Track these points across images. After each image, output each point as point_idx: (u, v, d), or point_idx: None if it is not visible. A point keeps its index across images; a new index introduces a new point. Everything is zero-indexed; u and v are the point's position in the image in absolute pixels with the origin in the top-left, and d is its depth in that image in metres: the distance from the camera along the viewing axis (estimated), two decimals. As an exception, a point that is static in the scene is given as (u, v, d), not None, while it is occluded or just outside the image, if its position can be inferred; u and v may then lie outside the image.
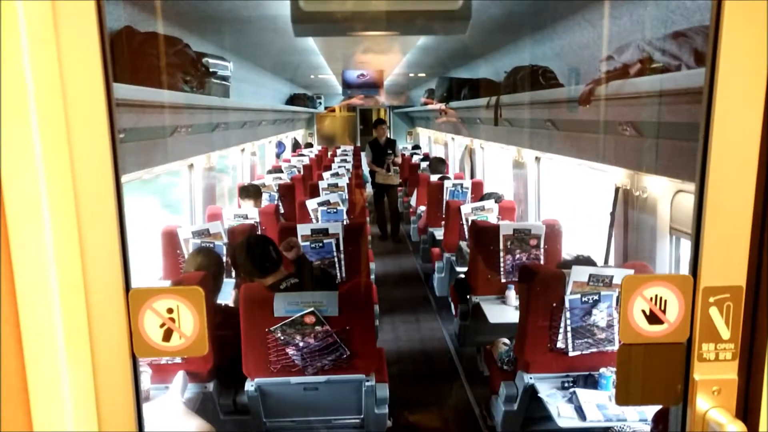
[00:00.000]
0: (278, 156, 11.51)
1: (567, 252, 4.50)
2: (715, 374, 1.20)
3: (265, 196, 6.51)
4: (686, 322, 1.18)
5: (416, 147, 13.96)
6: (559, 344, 3.02)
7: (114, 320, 1.09)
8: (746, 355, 1.21)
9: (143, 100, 2.79)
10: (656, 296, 1.18)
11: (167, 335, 1.11)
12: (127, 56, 2.94)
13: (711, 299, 1.15)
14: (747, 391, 1.21)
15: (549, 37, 4.20)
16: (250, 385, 2.95)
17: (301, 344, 2.89)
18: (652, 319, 1.19)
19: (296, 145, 13.89)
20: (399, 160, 9.73)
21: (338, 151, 11.89)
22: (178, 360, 2.92)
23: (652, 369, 1.22)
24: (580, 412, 2.75)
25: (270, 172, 8.35)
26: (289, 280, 3.08)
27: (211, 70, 3.73)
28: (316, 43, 5.63)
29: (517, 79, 4.30)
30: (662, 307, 1.18)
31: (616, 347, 3.01)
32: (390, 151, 9.32)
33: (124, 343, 1.10)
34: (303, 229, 4.24)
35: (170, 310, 1.11)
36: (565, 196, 6.44)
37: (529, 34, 4.45)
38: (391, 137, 11.16)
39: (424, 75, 9.24)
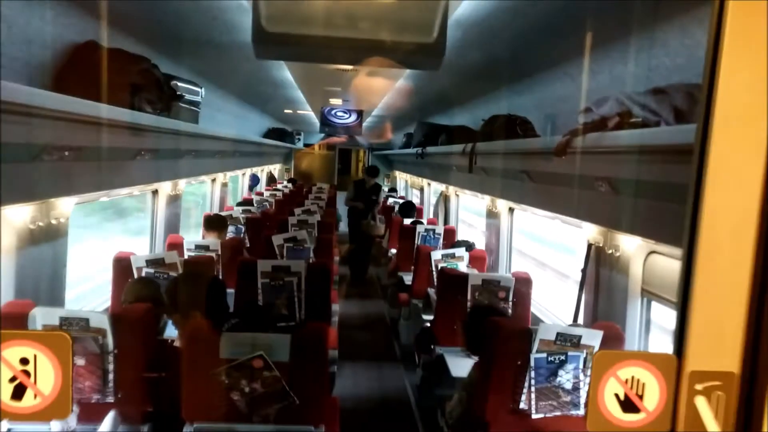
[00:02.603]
0: (251, 189, 11.34)
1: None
2: None
3: (231, 228, 6.31)
4: (667, 412, 1.00)
5: (392, 190, 13.93)
6: (522, 405, 2.85)
7: None
8: None
9: (98, 117, 2.64)
10: (633, 378, 1.01)
11: (18, 392, 0.90)
12: (87, 70, 2.80)
13: (698, 386, 0.98)
14: None
15: (529, 87, 4.18)
16: (188, 430, 2.72)
17: (246, 389, 2.68)
18: (627, 405, 1.01)
19: (271, 179, 13.75)
20: (380, 205, 9.52)
21: (314, 189, 11.77)
22: (110, 399, 2.68)
23: None
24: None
25: (240, 204, 8.17)
26: (229, 320, 2.88)
27: (178, 93, 3.59)
28: (294, 76, 5.55)
29: (494, 128, 4.25)
30: (639, 392, 1.01)
31: (581, 412, 2.86)
32: (375, 197, 9.12)
33: None
34: (263, 266, 4.05)
35: (25, 361, 0.90)
36: (536, 249, 6.37)
37: (507, 84, 4.43)
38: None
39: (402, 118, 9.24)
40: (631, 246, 3.22)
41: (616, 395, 1.02)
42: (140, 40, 3.46)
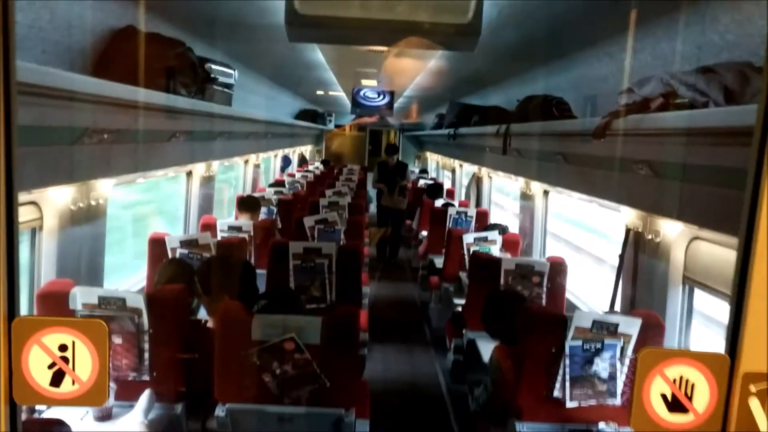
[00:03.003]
0: (283, 170, 11.39)
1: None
2: None
3: (263, 209, 6.34)
4: (718, 414, 0.95)
5: (423, 171, 13.83)
6: (556, 393, 2.80)
7: None
8: None
9: (135, 101, 2.65)
10: (681, 378, 0.96)
11: (57, 379, 0.89)
12: (125, 54, 2.82)
13: (753, 388, 0.92)
14: None
15: (566, 67, 4.06)
16: (220, 410, 2.75)
17: (278, 371, 2.69)
18: (675, 405, 0.96)
19: (303, 161, 13.78)
20: (409, 185, 9.53)
21: (344, 170, 11.75)
22: (146, 377, 2.73)
23: None
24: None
25: (272, 185, 8.21)
26: (259, 302, 2.88)
27: (212, 76, 3.59)
28: (326, 58, 5.51)
29: (530, 109, 4.15)
30: (688, 392, 0.96)
31: (617, 401, 2.80)
32: (399, 177, 9.12)
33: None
34: (295, 247, 4.05)
35: (63, 348, 0.89)
36: (571, 233, 6.25)
37: (544, 63, 4.31)
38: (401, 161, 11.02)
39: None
40: (672, 231, 3.12)
41: (663, 395, 0.97)
42: (176, 23, 3.47)
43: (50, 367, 0.90)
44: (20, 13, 2.11)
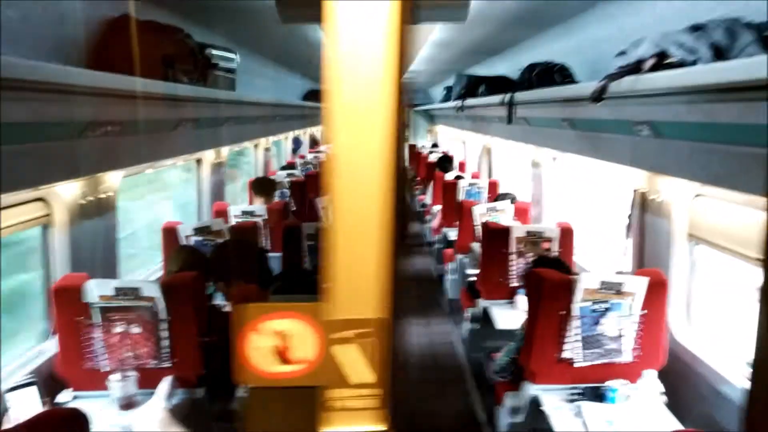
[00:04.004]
0: (294, 152, 11.43)
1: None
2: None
3: (276, 193, 6.41)
4: (320, 363, 1.01)
5: (435, 145, 13.79)
6: (566, 354, 2.86)
7: None
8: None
9: (135, 91, 2.68)
10: (282, 331, 1.02)
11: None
12: (122, 44, 2.84)
13: (338, 336, 0.98)
14: None
15: (567, 31, 4.03)
16: (241, 392, 2.83)
17: (294, 349, 2.77)
18: (278, 357, 1.03)
19: (314, 142, 13.81)
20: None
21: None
22: (167, 364, 2.82)
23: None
24: (586, 427, 2.60)
25: (284, 168, 8.27)
26: (273, 284, 2.94)
27: (213, 61, 3.61)
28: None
29: (532, 76, 4.13)
30: (290, 344, 1.03)
31: (626, 358, 2.85)
32: None
33: None
34: (308, 228, 4.13)
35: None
36: (582, 198, 6.23)
37: (546, 29, 4.28)
38: (411, 134, 10.94)
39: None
40: (676, 190, 3.13)
41: (265, 348, 1.04)
42: (172, 10, 3.48)
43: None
44: (10, 9, 2.11)
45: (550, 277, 2.86)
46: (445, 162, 8.64)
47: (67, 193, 3.16)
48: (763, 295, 0.84)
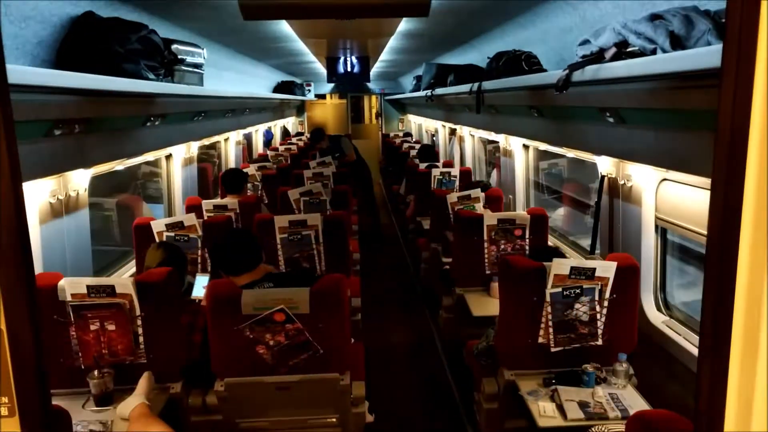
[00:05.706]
0: (266, 144, 11.35)
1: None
2: None
3: (248, 186, 6.37)
4: None
5: (407, 135, 13.80)
6: (541, 339, 2.91)
7: None
8: None
9: (102, 89, 2.65)
10: None
11: None
12: (87, 42, 2.80)
13: None
14: None
15: (532, 20, 4.07)
16: (219, 385, 2.84)
17: (271, 343, 2.78)
18: None
19: (286, 133, 13.72)
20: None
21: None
22: (143, 360, 2.81)
23: None
24: (562, 411, 2.66)
25: (255, 161, 8.20)
26: (263, 283, 2.94)
27: (180, 57, 3.57)
28: (294, 29, 5.46)
29: (500, 65, 4.16)
30: None
31: (598, 342, 2.91)
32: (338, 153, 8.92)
33: None
34: (280, 221, 4.11)
35: None
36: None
37: (512, 18, 4.31)
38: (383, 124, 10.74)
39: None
40: (642, 175, 3.20)
41: None
42: (136, 6, 3.43)
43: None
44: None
45: (522, 264, 2.90)
46: (427, 152, 8.66)
47: (36, 192, 3.11)
48: (707, 269, 0.87)
